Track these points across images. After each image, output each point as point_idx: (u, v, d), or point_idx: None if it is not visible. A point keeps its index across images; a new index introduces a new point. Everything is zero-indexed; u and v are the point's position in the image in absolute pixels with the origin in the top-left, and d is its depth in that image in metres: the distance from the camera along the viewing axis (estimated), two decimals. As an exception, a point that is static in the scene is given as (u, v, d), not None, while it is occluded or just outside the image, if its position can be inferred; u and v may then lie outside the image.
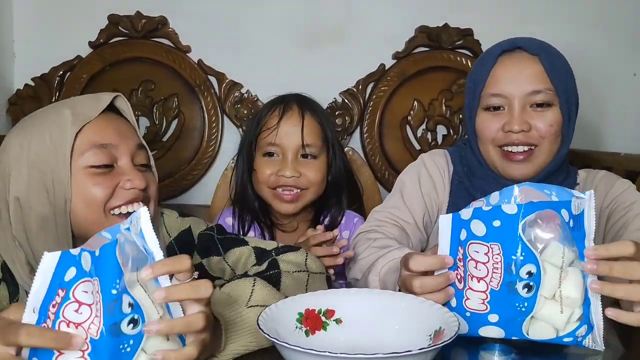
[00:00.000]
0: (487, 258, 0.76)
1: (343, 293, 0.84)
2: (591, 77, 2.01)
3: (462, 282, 0.79)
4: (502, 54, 1.12)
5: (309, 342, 0.75)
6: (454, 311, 0.79)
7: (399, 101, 1.97)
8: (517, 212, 0.74)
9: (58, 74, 1.92)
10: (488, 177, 1.17)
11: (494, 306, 0.77)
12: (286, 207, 1.33)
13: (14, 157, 0.88)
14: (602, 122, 2.04)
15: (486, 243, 0.76)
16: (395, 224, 1.16)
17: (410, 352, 0.63)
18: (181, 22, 1.95)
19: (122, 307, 0.59)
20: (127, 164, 0.91)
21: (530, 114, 1.10)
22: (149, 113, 1.92)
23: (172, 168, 1.92)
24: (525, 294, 0.75)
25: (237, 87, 1.94)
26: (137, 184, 0.89)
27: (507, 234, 0.74)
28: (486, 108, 1.13)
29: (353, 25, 1.97)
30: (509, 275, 0.75)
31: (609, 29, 2.01)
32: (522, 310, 0.75)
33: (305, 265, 0.96)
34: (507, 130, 1.09)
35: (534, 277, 0.74)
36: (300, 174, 1.31)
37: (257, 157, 1.35)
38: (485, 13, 1.98)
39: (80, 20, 1.94)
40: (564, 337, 0.77)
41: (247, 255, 1.00)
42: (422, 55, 1.97)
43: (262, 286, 0.82)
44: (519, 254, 0.74)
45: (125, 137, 0.92)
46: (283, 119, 1.32)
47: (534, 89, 1.09)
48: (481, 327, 0.78)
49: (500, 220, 0.75)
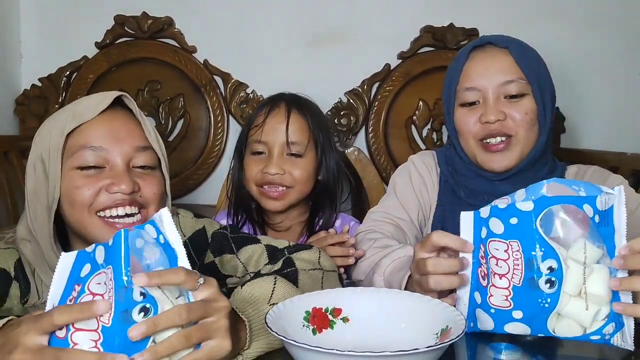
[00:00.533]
0: (508, 255, 0.76)
1: (350, 292, 0.84)
2: (595, 77, 2.02)
3: (486, 279, 0.79)
4: (473, 50, 1.15)
5: (316, 340, 0.75)
6: (479, 308, 0.79)
7: (404, 101, 1.97)
8: (532, 208, 0.74)
9: (65, 74, 1.93)
10: (470, 173, 1.18)
11: (518, 302, 0.76)
12: (273, 204, 1.33)
13: (32, 149, 0.93)
14: (607, 121, 2.03)
15: (505, 240, 0.76)
16: (391, 223, 1.17)
17: (417, 350, 0.63)
18: (187, 22, 1.95)
19: (132, 295, 0.60)
20: (118, 166, 0.90)
21: (504, 104, 1.11)
22: (155, 113, 1.93)
23: (178, 168, 1.93)
24: (548, 290, 0.74)
25: (243, 87, 1.95)
26: (123, 188, 0.88)
27: (525, 231, 0.75)
28: (462, 104, 1.15)
29: (358, 26, 1.97)
30: (530, 271, 0.74)
31: (614, 29, 2.01)
32: (545, 306, 0.75)
33: (319, 263, 0.96)
34: (484, 121, 1.11)
35: (555, 272, 0.74)
36: (285, 172, 1.31)
37: (246, 155, 1.36)
38: (490, 13, 1.98)
39: (87, 21, 1.95)
40: (590, 335, 0.75)
41: (260, 253, 1.01)
42: (427, 55, 1.98)
43: (283, 284, 0.82)
44: (537, 249, 0.74)
45: (120, 140, 0.91)
46: (269, 116, 1.33)
47: (505, 79, 1.11)
48: (506, 324, 0.78)
49: (516, 217, 0.75)
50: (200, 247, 1.03)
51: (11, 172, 1.77)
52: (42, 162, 0.90)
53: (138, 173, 0.92)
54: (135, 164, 0.92)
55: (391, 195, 1.23)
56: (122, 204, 0.90)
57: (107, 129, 0.91)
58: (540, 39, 1.72)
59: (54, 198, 0.89)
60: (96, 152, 0.89)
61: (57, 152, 0.89)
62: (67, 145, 0.90)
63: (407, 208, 1.19)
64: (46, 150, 0.90)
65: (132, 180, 0.90)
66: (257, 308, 0.77)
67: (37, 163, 0.91)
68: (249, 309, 0.76)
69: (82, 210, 0.89)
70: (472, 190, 1.18)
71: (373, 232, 1.15)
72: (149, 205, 0.93)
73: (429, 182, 1.22)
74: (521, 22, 1.95)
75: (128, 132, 0.92)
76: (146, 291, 0.61)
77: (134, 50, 1.94)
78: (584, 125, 2.03)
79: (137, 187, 0.90)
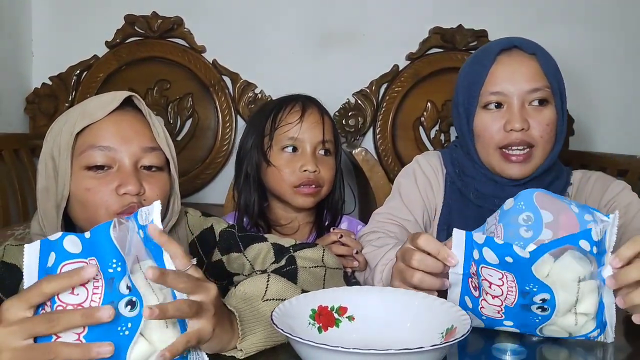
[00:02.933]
0: (502, 282, 0.77)
1: (355, 290, 0.84)
2: (604, 79, 2.01)
3: (477, 291, 0.80)
4: (500, 53, 1.12)
5: (321, 338, 0.75)
6: (470, 311, 0.80)
7: (412, 102, 1.97)
8: (528, 257, 0.73)
9: (75, 73, 1.94)
10: (481, 176, 1.17)
11: (510, 316, 0.79)
12: (305, 201, 1.32)
13: (44, 147, 0.94)
14: (617, 124, 2.02)
15: (500, 270, 0.76)
16: (395, 224, 1.17)
17: (422, 348, 0.63)
18: (196, 22, 1.96)
19: (119, 287, 0.60)
20: (126, 167, 0.91)
21: (528, 112, 1.10)
22: (164, 112, 1.94)
23: (186, 167, 1.94)
24: (540, 313, 0.77)
25: (251, 87, 1.96)
26: (130, 189, 0.89)
27: (520, 271, 0.75)
28: (485, 106, 1.12)
29: (367, 26, 1.97)
30: (524, 299, 0.76)
31: (623, 31, 2.00)
32: (536, 321, 0.78)
33: (322, 260, 0.96)
34: (509, 129, 1.09)
35: (548, 301, 0.76)
36: (319, 170, 1.31)
37: (274, 153, 1.33)
38: (499, 14, 1.98)
39: (97, 20, 1.96)
40: (576, 337, 0.80)
41: (266, 251, 1.01)
42: (436, 57, 1.98)
43: (277, 280, 0.83)
44: (532, 286, 0.75)
45: (128, 140, 0.92)
46: (306, 115, 1.32)
47: (532, 87, 1.10)
48: (497, 327, 0.82)
49: (512, 258, 0.74)
50: (208, 246, 1.04)
51: (22, 170, 1.79)
52: (52, 160, 0.91)
53: (144, 174, 0.93)
54: (143, 164, 0.93)
55: (396, 196, 1.23)
56: (132, 210, 0.90)
57: (116, 129, 0.92)
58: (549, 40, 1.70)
59: (62, 196, 0.90)
60: (104, 152, 0.90)
61: (67, 150, 0.90)
62: (76, 144, 0.91)
63: (412, 209, 1.19)
64: (57, 149, 0.91)
65: (138, 181, 0.90)
66: (250, 304, 0.78)
67: (48, 161, 0.92)
68: (242, 304, 0.77)
69: (94, 210, 0.89)
70: (482, 193, 1.17)
71: (375, 232, 1.15)
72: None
73: (434, 182, 1.22)
74: (530, 23, 1.94)
75: (136, 132, 0.93)
76: (132, 284, 0.61)
77: (143, 50, 1.95)
78: (593, 128, 2.02)
79: (142, 190, 0.91)
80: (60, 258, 0.61)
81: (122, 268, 0.61)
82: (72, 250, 0.61)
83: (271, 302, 0.79)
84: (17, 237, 1.00)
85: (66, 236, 0.61)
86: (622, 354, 0.80)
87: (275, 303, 0.77)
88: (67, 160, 0.90)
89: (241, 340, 0.73)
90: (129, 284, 0.61)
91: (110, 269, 0.60)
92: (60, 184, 0.90)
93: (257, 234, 1.07)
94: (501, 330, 0.82)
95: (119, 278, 0.60)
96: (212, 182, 1.98)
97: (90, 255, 0.61)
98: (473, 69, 1.15)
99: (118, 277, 0.60)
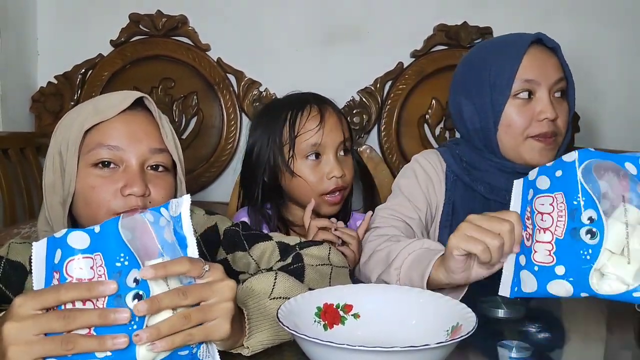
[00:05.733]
0: (552, 208, 0.79)
1: (361, 288, 0.84)
2: (610, 76, 2.00)
3: (530, 240, 0.81)
4: (531, 45, 1.14)
5: (327, 335, 0.75)
6: (523, 269, 0.81)
7: (416, 99, 1.97)
8: (575, 158, 0.78)
9: (80, 72, 1.95)
10: (491, 168, 1.18)
11: (560, 256, 0.78)
12: (331, 209, 1.30)
13: (52, 142, 0.94)
14: (623, 120, 2.01)
15: (551, 194, 0.79)
16: (399, 220, 1.16)
17: (427, 346, 0.63)
18: (201, 21, 1.97)
19: (126, 281, 0.60)
20: (132, 167, 0.90)
21: (555, 103, 1.14)
22: (169, 111, 1.95)
23: (191, 165, 1.94)
24: (589, 240, 0.76)
25: (256, 85, 1.96)
26: (135, 190, 0.88)
27: (568, 180, 0.78)
28: (515, 96, 1.13)
29: (371, 24, 1.97)
30: (572, 221, 0.77)
31: (630, 27, 1.99)
32: (586, 258, 0.76)
33: (329, 259, 0.96)
34: (542, 118, 1.12)
35: (595, 222, 0.76)
36: (345, 173, 1.29)
37: (298, 162, 1.28)
38: (504, 11, 1.97)
39: (102, 19, 1.97)
40: (633, 292, 0.75)
41: (272, 250, 1.01)
42: (440, 54, 1.97)
43: (284, 279, 0.83)
44: (580, 197, 0.77)
45: (137, 141, 0.91)
46: (325, 118, 1.28)
47: (558, 77, 1.14)
48: (549, 282, 0.79)
49: (561, 169, 0.79)
50: (212, 244, 1.04)
51: (28, 168, 1.80)
52: (59, 155, 0.92)
53: (151, 176, 0.92)
54: (149, 165, 0.93)
55: (398, 195, 1.22)
56: (136, 212, 0.90)
57: (126, 129, 0.91)
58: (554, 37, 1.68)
59: (69, 193, 0.90)
60: (112, 151, 0.90)
61: (75, 147, 0.90)
62: (84, 142, 0.91)
63: (415, 206, 1.19)
64: (65, 144, 0.91)
65: (144, 183, 0.90)
66: (257, 301, 0.77)
67: (56, 156, 0.92)
68: (249, 301, 0.77)
69: (98, 209, 0.89)
70: (492, 187, 1.17)
71: (382, 228, 1.14)
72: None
73: (435, 180, 1.22)
74: (535, 20, 1.93)
75: (145, 133, 0.93)
76: (140, 277, 0.61)
77: (148, 48, 1.96)
78: (599, 124, 2.02)
79: (147, 192, 0.91)
80: (66, 254, 0.61)
81: (130, 262, 0.61)
82: (76, 245, 0.61)
83: (278, 300, 0.79)
84: (22, 235, 1.01)
85: (71, 232, 0.61)
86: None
87: (282, 301, 0.77)
88: (74, 157, 0.90)
89: (248, 338, 0.73)
90: (137, 276, 0.61)
91: (117, 262, 0.60)
92: (67, 180, 0.90)
93: (262, 233, 1.07)
94: (517, 330, 0.80)
95: (126, 272, 0.61)
96: (217, 180, 1.98)
97: (97, 250, 0.61)
98: (498, 60, 1.15)
99: (125, 270, 0.60)
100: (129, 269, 0.61)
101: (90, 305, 0.60)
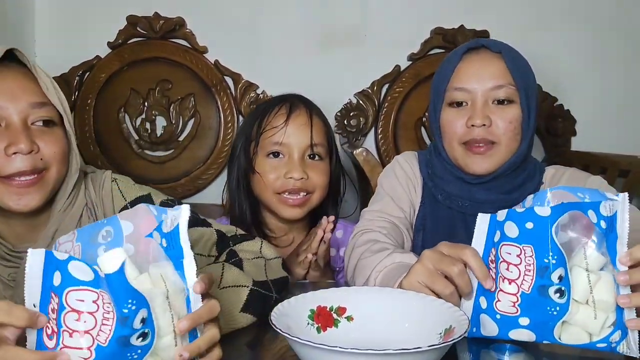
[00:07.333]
0: (520, 260, 0.75)
1: (354, 291, 0.85)
2: (607, 79, 2.01)
3: (494, 284, 0.79)
4: (467, 52, 1.15)
5: (320, 338, 0.76)
6: (484, 313, 0.79)
7: (413, 102, 1.97)
8: (549, 214, 0.74)
9: (77, 74, 1.95)
10: (449, 176, 1.18)
11: (525, 309, 0.76)
12: (292, 212, 1.27)
13: None
14: (619, 124, 2.02)
15: (519, 245, 0.75)
16: (386, 220, 1.16)
17: (419, 348, 0.64)
18: (198, 23, 1.97)
19: (133, 324, 0.60)
20: (15, 124, 0.86)
21: (491, 109, 1.12)
22: (166, 112, 1.95)
23: (188, 167, 1.95)
24: (558, 299, 0.74)
25: (253, 87, 1.96)
26: (21, 148, 0.84)
27: (540, 236, 0.74)
28: (450, 104, 1.15)
29: (369, 27, 1.98)
30: (541, 279, 0.74)
31: (626, 32, 1.99)
32: (554, 314, 0.75)
33: (261, 252, 0.98)
34: (470, 124, 1.11)
35: (563, 281, 0.74)
36: (307, 176, 1.25)
37: (260, 159, 1.27)
38: (500, 15, 1.98)
39: (100, 21, 1.97)
40: (597, 343, 0.75)
41: (208, 237, 1.00)
42: (437, 57, 1.97)
43: (231, 269, 0.85)
44: (550, 257, 0.74)
45: (15, 97, 0.87)
46: (291, 117, 1.26)
47: (495, 84, 1.11)
48: (511, 330, 0.78)
49: (532, 222, 0.74)
50: None
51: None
52: None
53: (37, 132, 0.88)
54: (33, 120, 0.88)
55: (382, 195, 1.22)
56: (24, 174, 0.86)
57: (0, 86, 0.87)
58: (551, 41, 1.71)
59: None
60: None
61: None
62: None
63: (400, 205, 1.19)
64: None
65: (30, 140, 0.86)
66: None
67: None
68: None
69: None
70: (449, 194, 1.18)
71: (370, 231, 1.13)
72: (50, 166, 0.90)
73: (414, 181, 1.23)
74: (531, 24, 1.94)
75: (22, 88, 0.89)
76: (149, 315, 0.61)
77: (145, 50, 1.96)
78: (594, 128, 2.02)
79: (36, 148, 0.87)
80: (67, 282, 0.60)
81: (138, 306, 0.61)
82: (79, 277, 0.60)
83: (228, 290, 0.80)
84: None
85: (72, 260, 0.60)
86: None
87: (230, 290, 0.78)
88: None
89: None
90: (144, 316, 0.61)
91: (125, 309, 0.60)
92: None
93: (200, 217, 1.04)
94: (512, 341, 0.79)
95: (134, 316, 0.60)
96: (214, 182, 1.98)
97: (102, 287, 0.60)
98: (442, 68, 1.19)
99: (132, 315, 0.60)
100: (136, 313, 0.60)
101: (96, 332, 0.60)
